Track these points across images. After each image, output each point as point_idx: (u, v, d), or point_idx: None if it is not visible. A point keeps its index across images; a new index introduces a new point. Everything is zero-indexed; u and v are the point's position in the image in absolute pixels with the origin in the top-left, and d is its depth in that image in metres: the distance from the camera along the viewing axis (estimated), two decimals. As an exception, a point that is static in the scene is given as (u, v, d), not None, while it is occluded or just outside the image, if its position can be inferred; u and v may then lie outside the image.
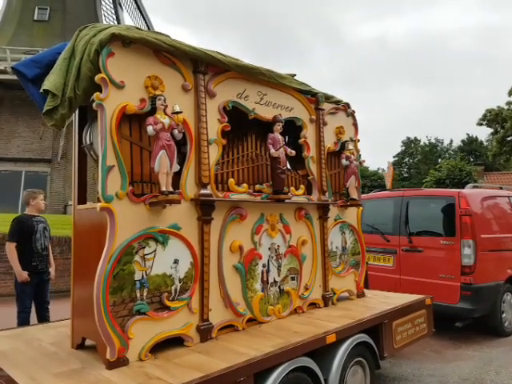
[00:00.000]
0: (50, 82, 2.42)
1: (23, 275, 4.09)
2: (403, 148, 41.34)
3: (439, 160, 33.97)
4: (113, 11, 20.76)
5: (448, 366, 4.25)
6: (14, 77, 2.80)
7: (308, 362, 2.65)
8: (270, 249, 3.22)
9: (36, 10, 18.51)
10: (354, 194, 4.01)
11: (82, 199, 2.80)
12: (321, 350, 2.79)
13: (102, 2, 20.97)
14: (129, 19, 20.99)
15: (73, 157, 2.90)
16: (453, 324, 5.12)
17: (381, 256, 5.96)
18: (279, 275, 3.28)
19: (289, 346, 2.53)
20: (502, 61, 66.98)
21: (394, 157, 40.56)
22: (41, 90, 2.46)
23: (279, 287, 3.28)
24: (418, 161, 39.26)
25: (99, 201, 2.27)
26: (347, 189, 4.01)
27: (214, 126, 2.87)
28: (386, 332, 3.40)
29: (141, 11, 21.24)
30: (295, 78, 3.61)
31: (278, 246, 3.29)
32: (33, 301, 4.25)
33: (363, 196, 5.57)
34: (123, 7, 20.94)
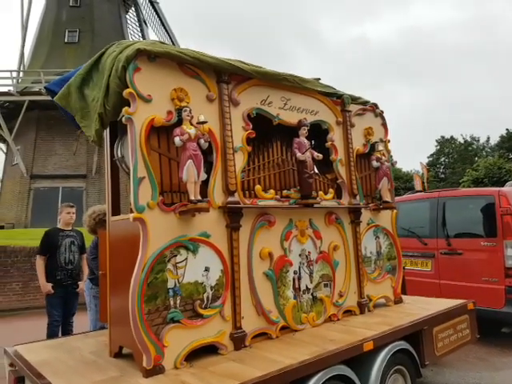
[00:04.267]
0: (58, 95, 2.56)
1: (46, 287, 4.24)
2: (438, 147, 39.95)
3: (476, 159, 32.64)
4: (138, 29, 21.58)
5: (496, 374, 4.02)
6: (49, 97, 2.95)
7: (345, 371, 2.58)
8: (300, 255, 3.18)
9: (66, 32, 19.53)
10: (386, 197, 3.90)
11: (115, 211, 2.88)
12: (358, 358, 2.71)
13: (128, 21, 21.85)
14: (153, 35, 21.70)
15: (105, 170, 2.99)
16: (499, 330, 4.86)
17: (418, 260, 5.76)
18: (311, 282, 3.23)
19: (325, 354, 2.48)
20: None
21: (428, 157, 39.35)
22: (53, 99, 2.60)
23: (312, 294, 3.22)
24: (454, 160, 37.85)
25: (132, 211, 2.33)
26: (379, 191, 3.91)
27: (239, 133, 2.89)
28: (426, 339, 3.26)
29: (164, 27, 21.91)
30: (320, 81, 3.59)
31: (309, 252, 3.25)
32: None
33: (397, 198, 5.43)
34: (148, 24, 21.68)
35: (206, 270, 2.57)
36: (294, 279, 3.10)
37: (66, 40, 19.42)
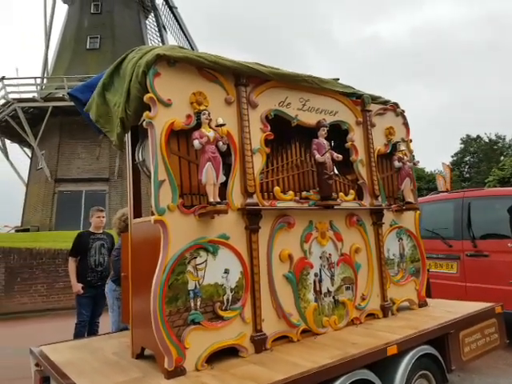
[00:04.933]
0: (88, 105, 2.60)
1: (77, 287, 4.41)
2: (462, 146, 38.90)
3: (502, 158, 31.66)
4: (157, 34, 21.89)
5: (527, 381, 3.87)
6: (72, 103, 3.02)
7: (369, 375, 2.54)
8: (321, 257, 3.15)
9: (88, 39, 20.00)
10: (409, 198, 3.82)
11: (137, 213, 2.92)
12: (382, 363, 2.66)
13: (148, 27, 22.21)
14: (172, 40, 21.99)
15: (127, 174, 3.04)
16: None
17: (443, 262, 5.62)
18: (333, 285, 3.19)
19: (347, 358, 2.44)
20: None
21: (452, 156, 38.38)
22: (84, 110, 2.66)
23: (334, 297, 3.18)
24: (479, 159, 36.80)
25: (153, 214, 2.36)
26: (402, 192, 3.83)
27: (257, 135, 2.88)
28: (452, 343, 3.18)
29: (183, 31, 22.17)
30: (338, 81, 3.55)
31: (330, 254, 3.21)
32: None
33: (420, 199, 5.31)
34: (167, 29, 21.98)
35: (226, 272, 2.57)
36: (314, 282, 3.07)
37: (87, 46, 19.90)
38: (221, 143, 2.53)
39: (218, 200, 2.48)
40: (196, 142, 2.44)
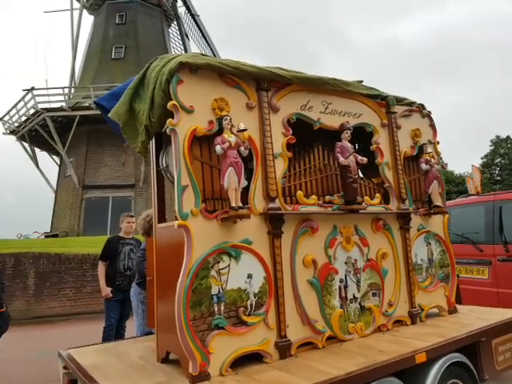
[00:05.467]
0: (113, 111, 2.67)
1: (106, 290, 4.51)
2: (492, 148, 37.62)
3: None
4: (180, 42, 22.31)
5: None
6: (98, 112, 3.10)
7: (396, 383, 2.47)
8: (346, 263, 3.09)
9: (113, 49, 20.56)
10: (437, 201, 3.71)
11: (161, 218, 2.96)
12: (410, 371, 2.58)
13: (171, 35, 22.65)
14: (195, 47, 22.32)
15: (151, 180, 3.08)
16: None
17: (474, 268, 5.43)
18: (359, 291, 3.12)
19: (374, 366, 2.38)
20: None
21: (481, 158, 37.18)
22: (108, 115, 2.70)
23: (360, 304, 3.11)
24: (510, 161, 35.48)
25: (176, 219, 2.38)
26: (429, 195, 3.73)
27: (279, 139, 2.87)
28: (484, 351, 3.05)
29: (205, 38, 22.48)
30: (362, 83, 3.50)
31: (355, 259, 3.15)
32: None
33: (449, 203, 5.16)
34: (189, 37, 22.34)
35: (249, 276, 2.56)
36: (340, 288, 3.02)
37: (112, 56, 20.48)
38: (242, 148, 2.54)
39: (240, 205, 2.47)
40: (218, 148, 2.46)
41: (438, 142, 4.02)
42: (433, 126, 4.00)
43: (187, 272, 2.31)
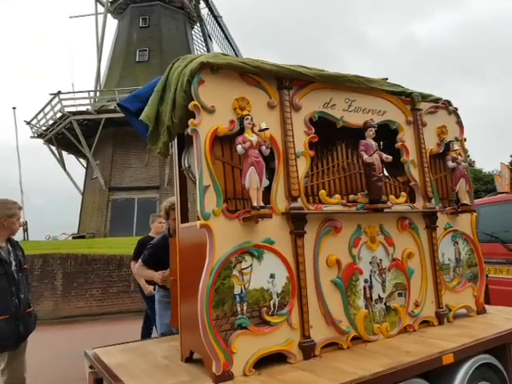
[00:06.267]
0: (144, 113, 2.68)
1: (148, 288, 4.53)
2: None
3: None
4: (203, 43, 22.53)
5: None
6: (123, 115, 3.14)
7: (423, 385, 2.41)
8: (371, 263, 3.04)
9: (137, 52, 20.96)
10: (465, 199, 3.60)
11: (184, 219, 2.98)
12: (437, 372, 2.52)
13: (194, 37, 22.89)
14: (218, 48, 22.48)
15: (174, 180, 3.11)
16: None
17: (503, 267, 5.26)
18: (384, 291, 3.06)
19: (400, 366, 2.34)
20: None
21: (511, 156, 35.88)
22: (139, 119, 2.73)
23: (385, 304, 3.05)
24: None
25: (199, 219, 2.39)
26: (457, 193, 3.62)
27: (301, 138, 2.84)
28: (515, 353, 2.94)
29: (228, 40, 22.59)
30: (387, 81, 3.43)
31: (380, 259, 3.09)
32: None
33: (477, 201, 5.00)
34: (212, 38, 22.52)
35: (272, 276, 2.55)
36: (364, 288, 2.96)
37: (136, 59, 20.88)
38: (264, 147, 2.53)
39: (262, 204, 2.46)
40: (239, 147, 2.46)
41: (465, 139, 3.90)
42: (459, 123, 3.88)
43: (209, 271, 2.31)
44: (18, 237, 3.72)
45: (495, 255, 5.25)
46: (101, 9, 22.51)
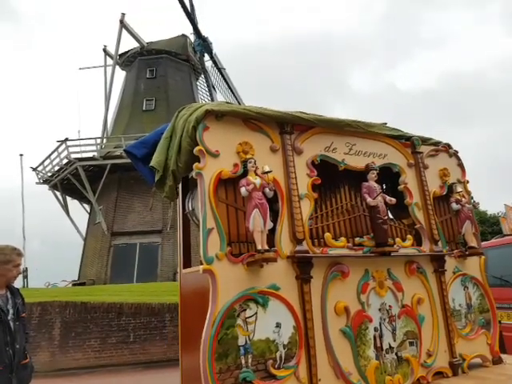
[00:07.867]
0: (154, 159, 2.73)
1: None
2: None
3: None
4: (208, 93, 23.28)
5: None
6: (129, 160, 3.19)
7: None
8: (380, 310, 2.92)
9: (144, 101, 21.70)
10: (472, 242, 3.53)
11: (187, 263, 2.92)
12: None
13: (199, 87, 23.77)
14: (221, 98, 23.24)
15: (178, 223, 3.09)
16: None
17: (516, 313, 5.06)
18: (395, 340, 2.92)
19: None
20: None
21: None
22: (150, 165, 2.76)
23: (396, 354, 2.90)
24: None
25: (201, 263, 2.34)
26: (463, 236, 3.56)
27: (304, 180, 2.85)
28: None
29: (231, 90, 23.41)
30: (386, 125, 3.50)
31: (390, 306, 2.97)
32: None
33: (484, 244, 4.91)
34: (216, 89, 23.35)
35: (278, 325, 2.44)
36: (374, 337, 2.83)
37: (143, 108, 21.59)
38: (267, 189, 2.54)
39: (267, 247, 2.41)
40: (243, 190, 2.46)
41: (468, 181, 3.90)
42: (461, 165, 3.90)
43: (212, 321, 2.22)
44: (18, 284, 3.62)
45: (507, 300, 5.08)
46: (110, 61, 23.57)
